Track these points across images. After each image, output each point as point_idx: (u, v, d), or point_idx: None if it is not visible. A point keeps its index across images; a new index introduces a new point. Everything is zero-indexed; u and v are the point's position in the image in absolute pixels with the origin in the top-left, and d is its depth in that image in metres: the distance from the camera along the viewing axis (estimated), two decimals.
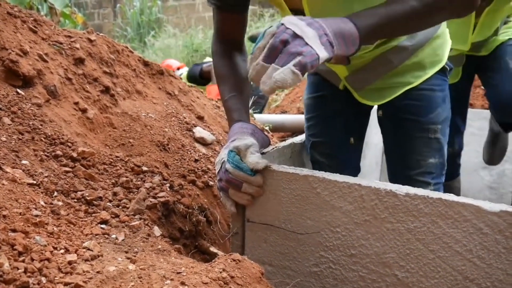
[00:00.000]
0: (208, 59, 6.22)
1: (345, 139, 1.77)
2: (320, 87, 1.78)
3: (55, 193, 1.23)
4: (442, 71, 1.59)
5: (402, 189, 1.12)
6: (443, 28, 1.59)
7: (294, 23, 1.01)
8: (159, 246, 1.20)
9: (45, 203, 1.15)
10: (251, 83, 1.18)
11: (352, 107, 1.70)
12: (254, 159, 1.20)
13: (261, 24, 8.68)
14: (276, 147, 1.63)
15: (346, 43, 1.06)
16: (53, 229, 1.04)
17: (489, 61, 2.65)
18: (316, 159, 1.85)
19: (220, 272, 0.95)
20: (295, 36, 0.99)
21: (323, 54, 1.00)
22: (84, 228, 1.16)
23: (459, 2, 1.17)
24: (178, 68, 6.48)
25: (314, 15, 1.14)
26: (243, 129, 1.32)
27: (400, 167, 1.68)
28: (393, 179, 1.71)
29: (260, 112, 5.41)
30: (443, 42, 1.60)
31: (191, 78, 5.85)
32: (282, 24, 1.02)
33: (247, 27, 1.57)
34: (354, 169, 1.84)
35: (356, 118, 1.77)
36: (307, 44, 0.99)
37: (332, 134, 1.80)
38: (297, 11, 1.37)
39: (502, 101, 2.56)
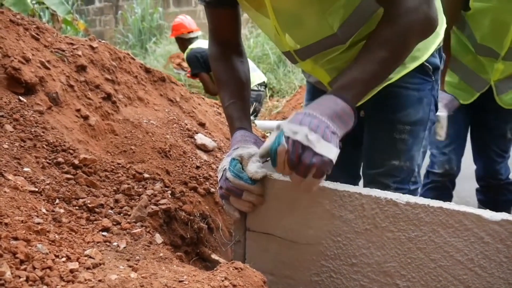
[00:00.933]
0: None
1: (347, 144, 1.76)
2: (315, 94, 1.75)
3: (57, 201, 1.23)
4: (423, 70, 1.47)
5: (402, 198, 1.12)
6: None
7: (296, 131, 1.06)
8: (161, 254, 1.20)
9: (47, 210, 1.15)
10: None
11: None
12: (253, 168, 1.20)
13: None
14: None
15: (345, 122, 1.12)
16: (54, 236, 1.04)
17: (493, 122, 2.55)
18: None
19: (222, 281, 0.95)
20: (303, 147, 1.05)
21: (333, 153, 1.08)
22: (85, 236, 1.16)
23: (420, 30, 1.20)
24: (191, 32, 5.91)
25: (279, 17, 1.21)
26: (246, 137, 1.32)
27: (365, 165, 1.63)
28: (364, 180, 1.66)
29: (256, 116, 5.38)
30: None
31: (192, 60, 5.55)
32: (288, 137, 1.07)
33: (249, 34, 1.58)
34: (352, 178, 1.80)
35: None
36: (316, 154, 1.05)
37: None
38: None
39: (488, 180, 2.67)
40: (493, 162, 2.61)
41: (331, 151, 1.07)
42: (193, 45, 5.71)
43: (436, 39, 1.48)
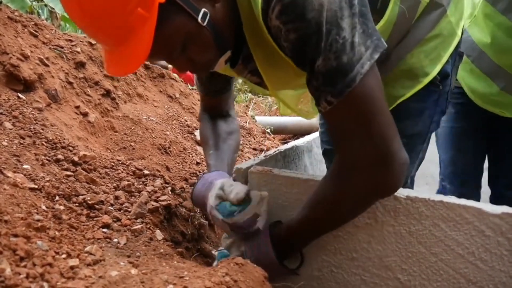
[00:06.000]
0: None
1: None
2: None
3: (57, 198, 1.23)
4: (430, 81, 1.30)
5: (403, 192, 1.12)
6: (445, 24, 1.27)
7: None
8: (161, 250, 1.20)
9: (47, 207, 1.14)
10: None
11: None
12: (233, 193, 1.18)
13: None
14: (278, 150, 1.63)
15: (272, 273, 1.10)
16: (54, 233, 1.04)
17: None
18: (328, 167, 1.85)
19: (223, 276, 0.94)
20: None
21: None
22: (86, 233, 1.15)
23: (365, 195, 1.05)
24: None
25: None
26: (220, 174, 1.33)
27: None
28: None
29: None
30: (442, 42, 1.28)
31: None
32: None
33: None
34: None
35: None
36: None
37: None
38: None
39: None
40: None
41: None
42: None
43: (453, 41, 1.30)
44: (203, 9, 0.96)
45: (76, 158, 1.43)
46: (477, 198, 2.08)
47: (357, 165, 0.99)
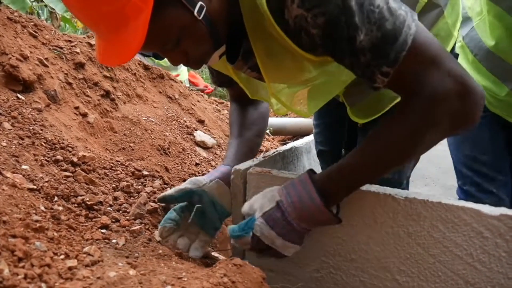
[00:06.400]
0: None
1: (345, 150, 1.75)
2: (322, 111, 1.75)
3: (56, 198, 1.23)
4: None
5: (401, 193, 1.12)
6: (442, 24, 1.30)
7: (266, 235, 1.08)
8: (160, 251, 1.20)
9: (46, 208, 1.15)
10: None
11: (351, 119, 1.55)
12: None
13: None
14: (277, 151, 1.63)
15: (316, 220, 1.08)
16: (53, 234, 1.04)
17: None
18: (323, 168, 1.85)
19: (221, 277, 0.94)
20: (268, 246, 1.10)
21: (293, 250, 1.12)
22: (84, 233, 1.15)
23: (452, 123, 0.96)
24: None
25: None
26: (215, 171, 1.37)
27: None
28: None
29: None
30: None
31: None
32: (255, 235, 1.10)
33: None
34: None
35: (354, 130, 1.67)
36: (277, 251, 1.11)
37: (334, 143, 1.79)
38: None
39: None
40: None
41: (292, 249, 1.12)
42: None
43: (449, 42, 1.32)
44: (200, 2, 0.95)
45: (75, 159, 1.43)
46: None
47: (440, 94, 0.93)
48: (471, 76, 0.95)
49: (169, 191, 1.33)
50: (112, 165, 1.56)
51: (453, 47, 1.36)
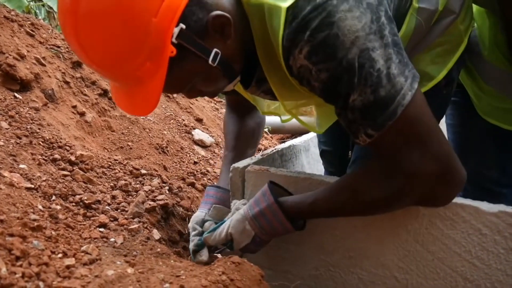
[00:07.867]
0: None
1: (347, 152, 1.75)
2: None
3: (53, 197, 1.22)
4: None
5: None
6: (453, 29, 1.23)
7: (239, 242, 1.16)
8: (158, 249, 1.20)
9: (43, 207, 1.14)
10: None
11: None
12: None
13: None
14: (275, 149, 1.63)
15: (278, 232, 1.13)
16: (51, 233, 1.04)
17: None
18: (325, 167, 1.85)
19: (220, 275, 0.94)
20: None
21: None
22: (82, 232, 1.15)
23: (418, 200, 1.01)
24: None
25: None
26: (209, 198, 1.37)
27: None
28: None
29: None
30: (449, 48, 1.25)
31: None
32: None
33: None
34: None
35: None
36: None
37: (336, 144, 1.79)
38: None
39: None
40: None
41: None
42: None
43: (460, 47, 1.27)
44: (214, 50, 0.94)
45: (73, 158, 1.43)
46: None
47: (417, 175, 0.94)
48: (456, 157, 0.96)
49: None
50: (110, 164, 1.56)
51: (464, 52, 1.29)
